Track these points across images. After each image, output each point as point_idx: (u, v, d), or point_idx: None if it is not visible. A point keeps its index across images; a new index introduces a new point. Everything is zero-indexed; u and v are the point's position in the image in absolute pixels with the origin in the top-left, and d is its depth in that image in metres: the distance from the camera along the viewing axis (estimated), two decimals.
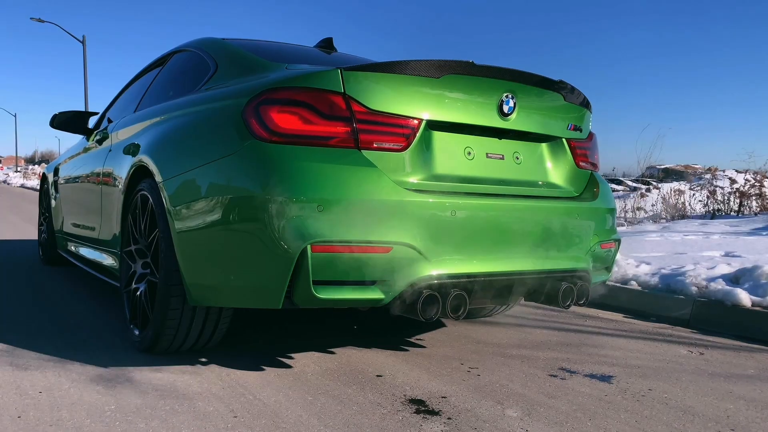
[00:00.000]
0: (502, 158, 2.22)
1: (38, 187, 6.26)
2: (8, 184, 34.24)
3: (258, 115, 1.94)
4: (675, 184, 9.25)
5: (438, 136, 2.07)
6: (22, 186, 29.90)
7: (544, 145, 2.36)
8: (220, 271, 2.00)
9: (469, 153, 2.14)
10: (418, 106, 2.00)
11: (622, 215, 7.64)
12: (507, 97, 2.14)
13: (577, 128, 2.44)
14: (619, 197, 9.46)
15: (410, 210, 1.89)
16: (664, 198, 7.95)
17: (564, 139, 2.40)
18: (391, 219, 1.87)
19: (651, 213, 7.91)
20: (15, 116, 54.02)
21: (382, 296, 1.90)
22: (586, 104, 2.48)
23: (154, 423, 1.70)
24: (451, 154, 2.09)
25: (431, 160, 2.04)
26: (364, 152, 1.92)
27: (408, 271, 1.90)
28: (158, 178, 2.25)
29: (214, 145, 2.07)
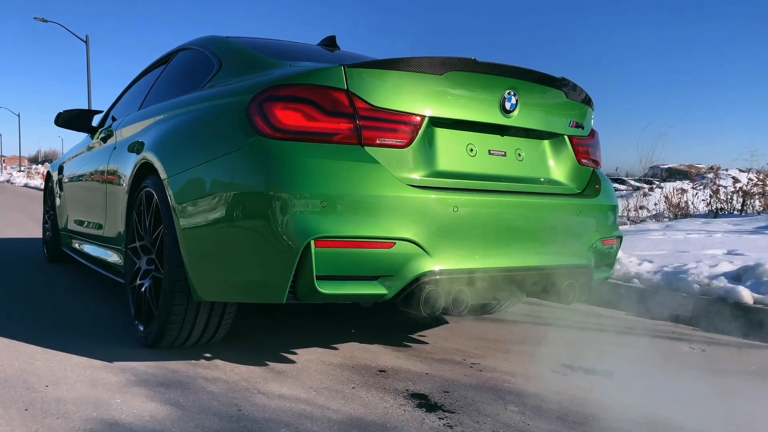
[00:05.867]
0: (505, 155, 2.23)
1: (41, 187, 6.29)
2: (12, 183, 34.34)
3: (262, 112, 1.96)
4: (678, 183, 9.25)
5: (440, 133, 2.08)
6: (26, 185, 29.99)
7: (546, 142, 2.37)
8: (224, 266, 2.02)
9: (472, 150, 2.15)
10: (421, 102, 2.02)
11: (625, 214, 7.64)
12: (509, 94, 2.16)
13: (579, 125, 2.45)
14: (621, 196, 9.46)
15: (413, 206, 1.91)
16: (666, 197, 7.95)
17: (566, 136, 2.41)
18: (393, 215, 1.89)
19: (654, 212, 7.90)
20: (18, 116, 54.20)
21: (384, 291, 1.91)
22: (587, 101, 2.49)
23: (159, 416, 1.72)
24: (454, 151, 2.11)
25: (434, 157, 2.05)
26: (367, 149, 1.94)
27: (410, 267, 1.91)
28: (163, 175, 2.27)
29: (218, 142, 2.09)
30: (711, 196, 7.73)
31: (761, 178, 7.68)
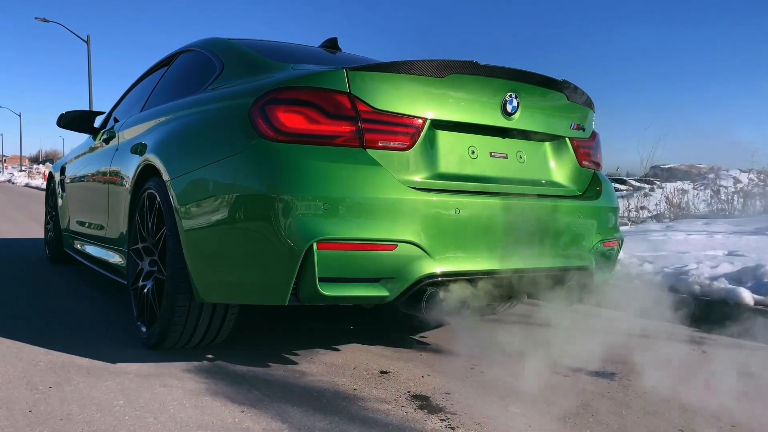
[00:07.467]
0: (506, 157, 2.24)
1: (42, 187, 6.29)
2: (13, 183, 34.35)
3: (264, 115, 1.97)
4: (679, 184, 9.25)
5: (442, 136, 2.09)
6: (27, 185, 30.00)
7: (547, 144, 2.38)
8: (227, 268, 2.03)
9: (473, 152, 2.16)
10: (423, 105, 2.03)
11: (626, 215, 7.64)
12: (510, 96, 2.16)
13: (580, 127, 2.45)
14: (622, 197, 9.46)
15: (414, 208, 1.92)
16: (667, 197, 7.95)
17: (567, 139, 2.42)
18: (395, 217, 1.89)
19: (654, 212, 7.91)
20: (20, 116, 54.24)
21: (386, 293, 1.92)
22: (589, 104, 2.50)
23: (162, 417, 1.73)
24: (455, 153, 2.11)
25: (435, 159, 2.06)
26: (369, 151, 1.95)
27: (412, 269, 1.92)
28: (165, 176, 2.28)
29: (220, 144, 2.10)
30: (712, 197, 7.74)
31: (762, 178, 7.69)
